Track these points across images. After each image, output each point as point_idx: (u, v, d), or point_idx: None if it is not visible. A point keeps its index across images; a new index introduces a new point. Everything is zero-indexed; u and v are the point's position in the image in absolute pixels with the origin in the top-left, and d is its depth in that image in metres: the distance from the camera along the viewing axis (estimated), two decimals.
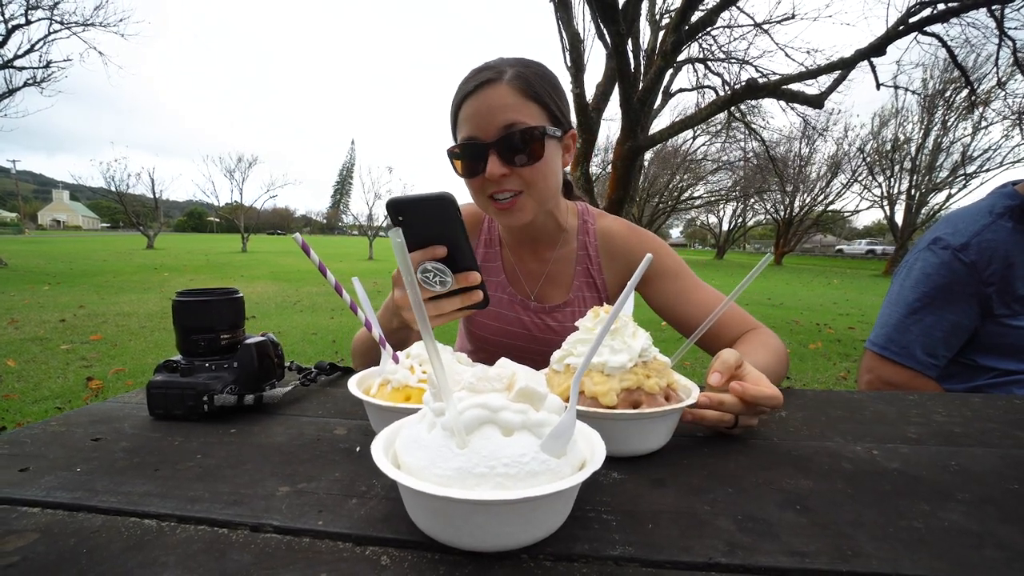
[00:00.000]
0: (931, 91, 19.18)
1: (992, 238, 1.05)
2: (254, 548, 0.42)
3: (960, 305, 1.07)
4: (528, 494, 0.37)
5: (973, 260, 1.04)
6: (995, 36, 6.86)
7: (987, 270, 1.04)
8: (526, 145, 0.90)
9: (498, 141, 0.90)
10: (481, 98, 0.90)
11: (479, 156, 0.91)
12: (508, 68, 0.92)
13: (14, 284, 8.64)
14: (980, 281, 1.05)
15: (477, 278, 0.71)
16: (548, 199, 0.99)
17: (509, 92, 0.90)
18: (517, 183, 0.93)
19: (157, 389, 0.71)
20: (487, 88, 0.90)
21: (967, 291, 1.05)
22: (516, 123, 0.89)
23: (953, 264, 1.06)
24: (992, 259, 1.03)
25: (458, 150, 0.94)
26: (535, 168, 0.92)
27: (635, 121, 6.47)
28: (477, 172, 0.92)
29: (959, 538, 0.44)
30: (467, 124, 0.92)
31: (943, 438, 0.69)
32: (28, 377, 3.57)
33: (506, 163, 0.91)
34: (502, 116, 0.89)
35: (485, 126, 0.90)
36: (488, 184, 0.93)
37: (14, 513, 0.47)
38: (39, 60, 12.19)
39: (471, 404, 0.41)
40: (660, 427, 0.60)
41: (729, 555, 0.42)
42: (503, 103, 0.89)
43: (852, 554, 0.42)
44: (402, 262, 0.40)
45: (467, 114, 0.91)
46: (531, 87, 0.92)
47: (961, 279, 1.05)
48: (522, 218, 0.96)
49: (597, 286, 1.11)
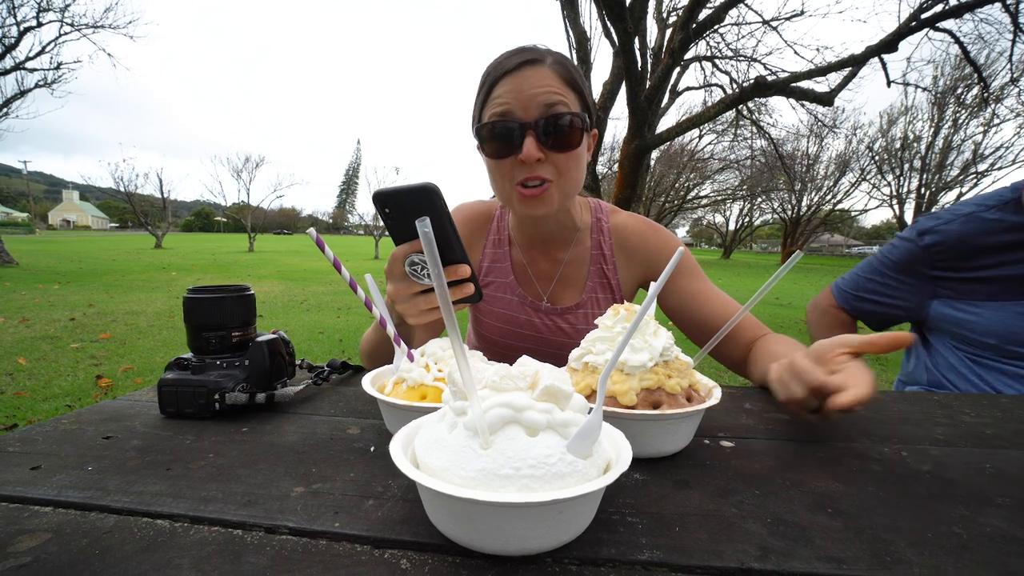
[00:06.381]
0: (942, 88, 18.96)
1: (959, 229, 1.14)
2: (270, 550, 0.41)
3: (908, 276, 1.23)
4: (556, 496, 0.35)
5: (928, 244, 1.17)
6: (1009, 31, 6.76)
7: (940, 255, 1.16)
8: (566, 130, 0.87)
9: (539, 121, 0.86)
10: (523, 76, 0.86)
11: (515, 135, 0.87)
12: (548, 54, 0.90)
13: (25, 283, 8.73)
14: (930, 265, 1.18)
15: (467, 271, 0.68)
16: (573, 192, 0.95)
17: (552, 75, 0.87)
18: (550, 171, 0.89)
19: (168, 387, 0.70)
20: (529, 68, 0.87)
21: (916, 268, 1.21)
22: (557, 106, 0.86)
23: (913, 242, 1.21)
24: (948, 246, 1.15)
25: (492, 127, 0.88)
26: (570, 156, 0.89)
27: (642, 120, 6.44)
28: (510, 152, 0.88)
29: (1004, 545, 0.42)
30: (504, 101, 0.87)
31: (975, 439, 0.66)
32: (39, 375, 3.60)
33: (543, 147, 0.87)
34: (544, 96, 0.86)
35: (526, 104, 0.86)
36: (519, 168, 0.89)
37: (26, 512, 0.47)
38: (50, 62, 12.34)
39: (495, 403, 0.39)
40: (682, 428, 0.58)
41: (762, 560, 0.40)
42: (546, 84, 0.86)
43: (892, 560, 0.40)
44: (429, 255, 0.38)
45: (505, 91, 0.87)
46: (571, 75, 0.90)
47: (915, 258, 1.20)
48: (548, 208, 0.92)
49: (611, 287, 1.07)
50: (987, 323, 1.12)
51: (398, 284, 0.71)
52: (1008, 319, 1.10)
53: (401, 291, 0.71)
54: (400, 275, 0.70)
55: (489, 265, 1.13)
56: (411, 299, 0.71)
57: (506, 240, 1.12)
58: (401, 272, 0.70)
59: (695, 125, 7.85)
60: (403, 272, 0.70)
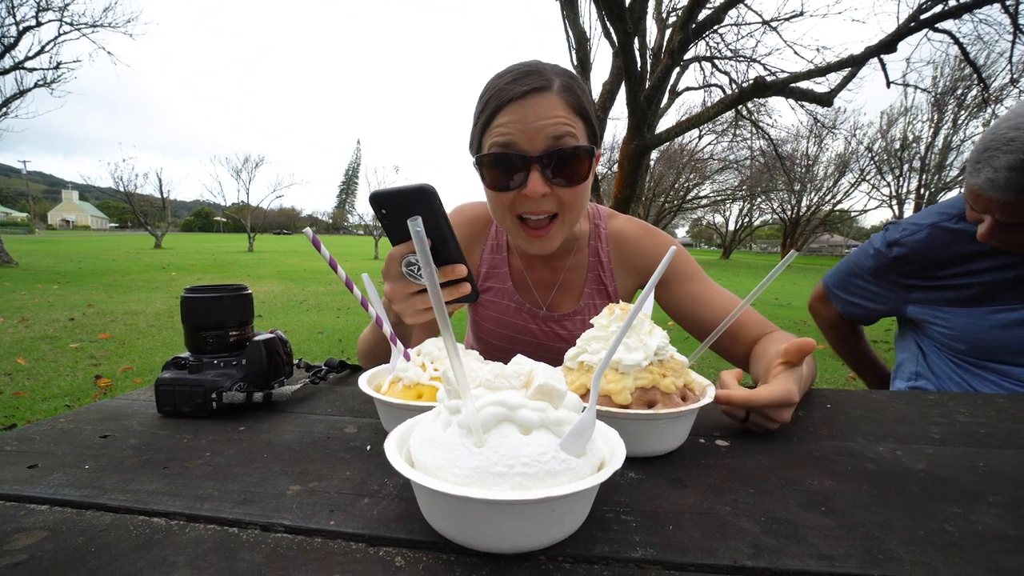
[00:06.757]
0: (942, 89, 18.98)
1: (924, 241, 1.16)
2: (265, 548, 0.41)
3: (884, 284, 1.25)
4: (549, 494, 0.35)
5: (896, 256, 1.19)
6: (1008, 32, 6.77)
7: (908, 267, 1.19)
8: (573, 164, 0.83)
9: (544, 156, 0.82)
10: (529, 106, 0.81)
11: (518, 168, 0.83)
12: (555, 77, 0.84)
13: (24, 283, 8.73)
14: (900, 274, 1.21)
15: (463, 270, 0.69)
16: (576, 222, 0.92)
17: (559, 104, 0.82)
18: (554, 204, 0.86)
19: (165, 386, 0.70)
20: (536, 96, 0.81)
21: (889, 277, 1.23)
22: (566, 138, 0.82)
23: (883, 252, 1.23)
24: (916, 258, 1.17)
25: (493, 158, 0.84)
26: (576, 190, 0.85)
27: (642, 120, 6.44)
28: (512, 186, 0.84)
29: (995, 542, 0.43)
30: (507, 131, 0.82)
31: (969, 439, 0.67)
32: (38, 375, 3.60)
33: (548, 181, 0.83)
34: (552, 129, 0.81)
35: (532, 136, 0.81)
36: (522, 202, 0.86)
37: (22, 510, 0.47)
38: (49, 61, 12.34)
39: (488, 402, 0.39)
40: (677, 427, 0.59)
41: (755, 558, 0.40)
42: (554, 115, 0.81)
43: (884, 558, 0.40)
44: (421, 254, 0.38)
45: (509, 120, 0.82)
46: (579, 101, 0.85)
47: (887, 267, 1.23)
48: (550, 247, 0.91)
49: (609, 293, 1.07)
50: (956, 330, 1.14)
51: (395, 284, 0.72)
52: (975, 326, 1.11)
53: (398, 291, 0.72)
54: (397, 275, 0.71)
55: (487, 271, 1.13)
56: (408, 299, 0.72)
57: (504, 246, 1.12)
58: (398, 272, 0.71)
59: (695, 125, 7.86)
60: (400, 272, 0.70)
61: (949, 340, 1.16)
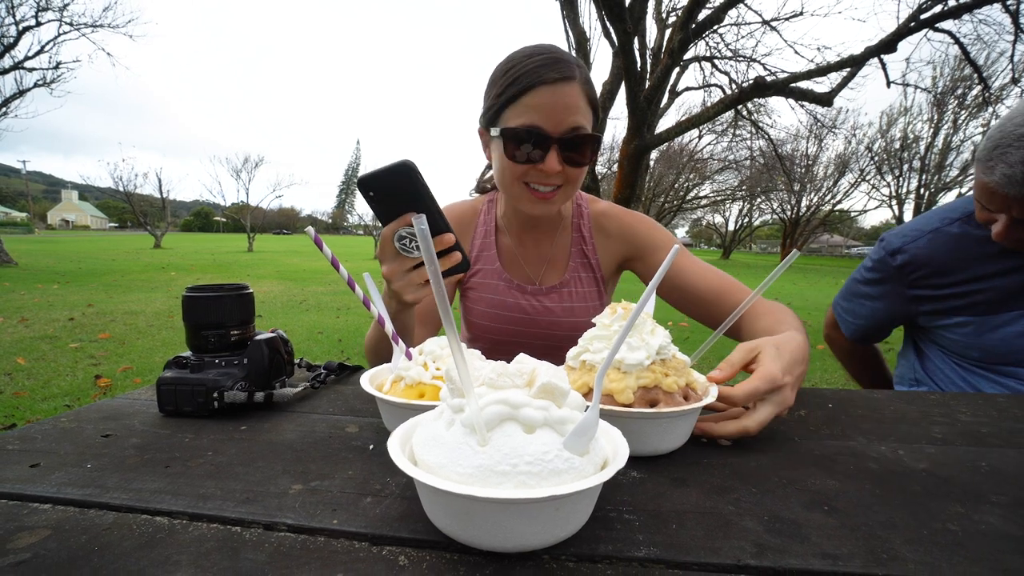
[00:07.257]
0: (942, 89, 18.98)
1: (926, 246, 1.13)
2: (268, 547, 0.41)
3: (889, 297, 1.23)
4: (553, 493, 0.35)
5: (900, 264, 1.17)
6: (1009, 32, 6.77)
7: (914, 274, 1.15)
8: (584, 149, 0.95)
9: (564, 139, 0.93)
10: (558, 93, 0.91)
11: (540, 146, 0.93)
12: (577, 69, 0.94)
13: (24, 283, 8.72)
14: (906, 284, 1.17)
15: (451, 239, 0.73)
16: (575, 194, 1.06)
17: (580, 95, 0.93)
18: (561, 179, 0.98)
19: (167, 385, 0.70)
20: (564, 85, 0.91)
21: (895, 289, 1.20)
22: (582, 127, 0.93)
23: (886, 260, 1.20)
24: (920, 264, 1.14)
25: (519, 133, 0.93)
26: (582, 169, 0.98)
27: (641, 120, 6.44)
28: (531, 160, 0.95)
29: (998, 542, 0.43)
30: (534, 112, 0.92)
31: (971, 438, 0.67)
32: (38, 375, 3.60)
33: (561, 160, 0.95)
34: (573, 117, 0.92)
35: (556, 121, 0.92)
36: (535, 174, 0.96)
37: (25, 509, 0.47)
38: (49, 61, 12.34)
39: (492, 400, 0.39)
40: (679, 427, 0.59)
41: (758, 557, 0.40)
42: (576, 104, 0.92)
43: (887, 557, 0.40)
44: (426, 252, 0.38)
45: (538, 102, 0.92)
46: (593, 94, 0.97)
47: (891, 277, 1.19)
48: (554, 210, 1.03)
49: (592, 266, 1.16)
50: (969, 338, 1.11)
51: (391, 264, 0.75)
52: (989, 334, 1.08)
53: (395, 269, 0.75)
54: (392, 254, 0.74)
55: (477, 254, 1.20)
56: (405, 275, 0.75)
57: (492, 230, 1.20)
58: (392, 251, 0.74)
59: (694, 125, 7.86)
60: (394, 251, 0.74)
61: (962, 348, 1.13)
